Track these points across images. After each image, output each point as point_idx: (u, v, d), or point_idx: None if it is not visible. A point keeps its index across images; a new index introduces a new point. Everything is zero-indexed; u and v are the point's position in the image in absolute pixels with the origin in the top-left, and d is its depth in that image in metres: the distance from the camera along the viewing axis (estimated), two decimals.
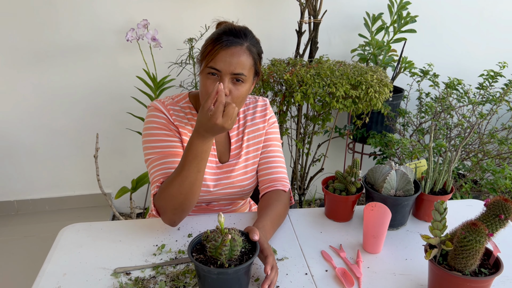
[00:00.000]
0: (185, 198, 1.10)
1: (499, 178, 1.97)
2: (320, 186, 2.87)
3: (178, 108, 1.28)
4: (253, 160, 1.34)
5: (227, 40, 1.13)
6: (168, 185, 1.11)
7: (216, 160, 1.31)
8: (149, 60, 2.31)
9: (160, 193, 1.14)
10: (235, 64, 1.12)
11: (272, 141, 1.37)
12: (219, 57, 1.12)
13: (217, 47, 1.12)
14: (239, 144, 1.34)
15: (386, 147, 2.32)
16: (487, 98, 2.41)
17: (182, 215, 1.15)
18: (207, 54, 1.14)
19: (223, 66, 1.12)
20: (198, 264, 0.89)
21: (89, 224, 1.23)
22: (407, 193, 1.20)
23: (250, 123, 1.35)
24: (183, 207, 1.12)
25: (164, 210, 1.14)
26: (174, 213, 1.13)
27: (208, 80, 1.14)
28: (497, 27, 2.66)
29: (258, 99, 1.39)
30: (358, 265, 1.07)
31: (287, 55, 2.38)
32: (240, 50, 1.14)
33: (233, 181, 1.31)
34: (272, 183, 1.30)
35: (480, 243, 0.85)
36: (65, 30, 2.32)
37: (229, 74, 1.13)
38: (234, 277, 0.91)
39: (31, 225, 2.63)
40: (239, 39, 1.14)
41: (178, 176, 1.09)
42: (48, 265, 1.05)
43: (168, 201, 1.12)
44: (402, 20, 2.32)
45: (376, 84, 1.86)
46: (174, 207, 1.12)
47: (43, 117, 2.51)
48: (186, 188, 1.09)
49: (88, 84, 2.46)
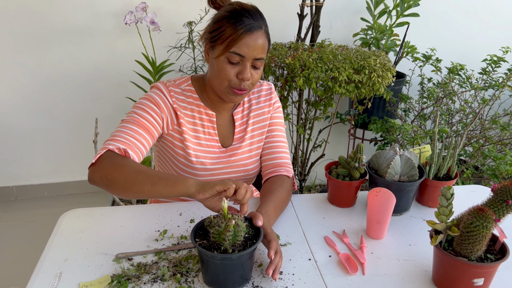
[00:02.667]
0: (122, 188, 1.02)
1: (500, 164, 1.96)
2: (320, 172, 2.86)
3: (179, 91, 1.25)
4: (258, 144, 1.33)
5: (249, 24, 1.09)
6: (121, 169, 1.02)
7: (218, 145, 1.29)
8: (148, 44, 2.27)
9: (108, 165, 1.04)
10: (258, 49, 1.11)
11: (277, 126, 1.35)
12: (243, 43, 1.09)
13: (241, 31, 1.09)
14: (243, 127, 1.32)
15: (388, 132, 2.31)
16: (490, 83, 2.39)
17: (106, 188, 1.05)
18: (228, 38, 1.10)
19: (247, 52, 1.10)
20: (202, 250, 0.88)
21: (89, 209, 1.22)
22: (411, 179, 1.19)
23: (255, 106, 1.33)
24: (112, 188, 1.03)
25: (99, 174, 1.04)
26: (102, 181, 1.04)
27: (228, 65, 1.12)
28: (500, 12, 2.63)
29: (262, 83, 1.37)
30: (362, 251, 1.06)
31: (288, 39, 2.35)
32: (261, 34, 1.12)
33: (237, 165, 1.29)
34: (275, 168, 1.29)
35: (487, 229, 0.84)
36: (62, 14, 2.28)
37: (251, 59, 1.12)
38: (238, 263, 0.90)
39: (30, 211, 2.62)
40: (258, 22, 1.12)
41: (138, 174, 1.01)
42: (49, 251, 1.04)
43: (107, 175, 1.03)
44: (405, 4, 2.28)
45: (379, 69, 1.84)
46: (106, 182, 1.03)
47: (42, 102, 2.48)
48: (131, 186, 1.01)
49: (87, 69, 2.43)
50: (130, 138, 1.12)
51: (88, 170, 1.07)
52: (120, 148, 1.08)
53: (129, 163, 1.05)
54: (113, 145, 1.08)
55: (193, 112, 1.25)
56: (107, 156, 1.06)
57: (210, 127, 1.27)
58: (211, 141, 1.27)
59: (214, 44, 1.13)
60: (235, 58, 1.11)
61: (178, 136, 1.24)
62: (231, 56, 1.11)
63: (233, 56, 1.10)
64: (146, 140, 1.15)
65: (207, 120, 1.27)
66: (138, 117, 1.17)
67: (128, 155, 1.08)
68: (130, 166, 1.04)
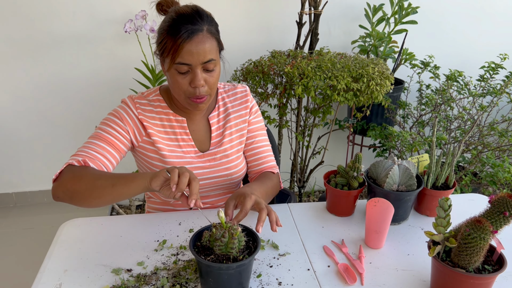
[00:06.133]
0: (84, 197, 1.04)
1: (498, 171, 1.97)
2: (319, 178, 2.87)
3: (145, 102, 1.25)
4: (238, 147, 1.32)
5: (186, 31, 1.07)
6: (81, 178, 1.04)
7: (195, 149, 1.28)
8: (148, 51, 2.28)
9: (68, 178, 1.06)
10: (203, 53, 1.09)
11: (258, 131, 1.36)
12: (184, 51, 1.08)
13: (179, 41, 1.07)
14: (220, 131, 1.31)
15: (386, 139, 2.31)
16: (488, 90, 2.40)
17: (70, 200, 1.06)
18: (171, 50, 1.08)
19: (192, 59, 1.09)
20: (216, 265, 0.88)
21: (89, 219, 1.22)
22: (409, 188, 1.20)
23: (232, 110, 1.32)
24: (75, 199, 1.05)
25: (60, 188, 1.06)
26: (65, 195, 1.06)
27: (179, 76, 1.12)
28: (498, 19, 2.64)
29: (237, 86, 1.36)
30: (361, 261, 1.06)
31: (287, 46, 2.36)
32: (202, 37, 1.09)
33: (218, 170, 1.28)
34: (262, 171, 1.34)
35: (484, 240, 0.85)
36: (62, 21, 2.29)
37: (199, 64, 1.10)
38: (250, 265, 0.93)
39: (29, 217, 2.62)
40: (196, 25, 1.08)
41: (97, 179, 1.03)
42: (49, 262, 1.04)
43: (68, 188, 1.04)
44: (403, 11, 2.30)
45: (378, 77, 1.85)
46: (69, 195, 1.05)
47: (41, 109, 2.49)
48: (92, 192, 1.03)
49: (86, 76, 2.44)
50: (91, 151, 1.14)
51: (52, 187, 1.08)
52: (79, 160, 1.10)
53: (88, 171, 1.06)
54: (73, 159, 1.11)
55: (163, 121, 1.25)
56: (67, 170, 1.08)
57: (183, 133, 1.27)
58: (186, 146, 1.27)
59: (163, 57, 1.13)
60: (183, 68, 1.10)
61: (150, 147, 1.24)
62: (178, 67, 1.10)
63: (180, 66, 1.10)
64: (110, 153, 1.16)
65: (178, 126, 1.26)
66: (102, 132, 1.19)
67: (88, 165, 1.10)
68: (89, 174, 1.05)
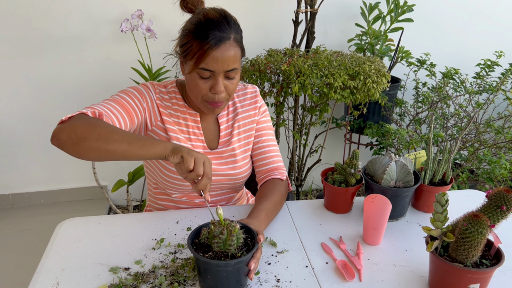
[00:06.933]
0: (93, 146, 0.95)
1: (495, 168, 1.97)
2: (316, 177, 2.87)
3: (164, 91, 1.26)
4: (245, 147, 1.32)
5: (213, 37, 1.06)
6: (96, 127, 0.97)
7: (204, 145, 1.28)
8: (144, 51, 2.28)
9: (80, 123, 0.98)
10: (227, 61, 1.09)
11: (266, 130, 1.36)
12: (210, 58, 1.07)
13: (206, 48, 1.06)
14: (229, 131, 1.31)
15: (383, 137, 2.32)
16: (484, 87, 2.41)
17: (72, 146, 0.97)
18: (196, 54, 1.08)
19: (216, 67, 1.09)
20: (214, 262, 0.88)
21: (86, 218, 1.22)
22: (407, 184, 1.20)
23: (241, 110, 1.32)
24: (80, 146, 0.96)
25: (67, 131, 0.96)
26: (69, 139, 0.96)
27: (200, 81, 1.12)
28: (494, 16, 2.65)
29: (247, 86, 1.36)
30: (359, 257, 1.07)
31: (284, 45, 2.36)
32: (229, 46, 1.09)
33: (223, 168, 1.28)
34: (269, 173, 1.31)
35: (482, 235, 0.85)
36: (58, 21, 2.28)
37: (222, 72, 1.10)
38: (248, 261, 0.93)
39: (26, 218, 2.61)
40: (224, 32, 1.08)
41: (114, 133, 0.97)
42: (46, 261, 1.03)
43: (77, 133, 0.96)
44: (399, 9, 2.30)
45: (374, 75, 1.85)
46: (75, 139, 0.96)
47: (37, 110, 2.48)
48: (105, 144, 0.95)
49: (83, 76, 2.43)
50: (107, 110, 1.07)
51: (55, 128, 0.98)
52: (94, 112, 1.03)
53: (103, 123, 1.00)
54: (87, 109, 1.03)
55: (177, 112, 1.25)
56: (79, 117, 1.00)
57: (194, 127, 1.27)
58: (196, 141, 1.27)
59: (185, 59, 1.12)
60: (206, 73, 1.10)
61: (163, 134, 1.23)
62: (201, 72, 1.10)
63: (203, 72, 1.10)
64: (123, 117, 1.10)
65: (191, 120, 1.26)
66: (119, 98, 1.14)
67: (102, 117, 1.04)
68: (105, 125, 0.99)
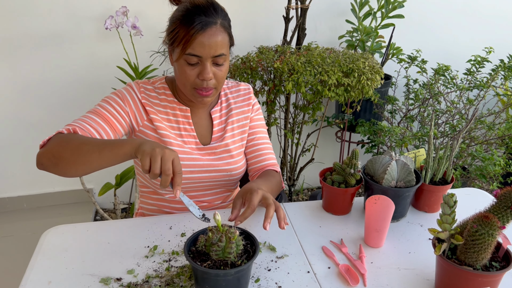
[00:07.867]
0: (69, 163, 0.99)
1: (488, 164, 1.96)
2: (307, 176, 2.83)
3: (151, 88, 1.23)
4: (239, 143, 1.31)
5: (200, 22, 1.06)
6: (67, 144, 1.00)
7: (196, 141, 1.25)
8: (130, 49, 2.20)
9: (54, 144, 1.02)
10: (214, 46, 1.08)
11: (259, 128, 1.35)
12: (196, 43, 1.06)
13: (192, 32, 1.06)
14: (222, 126, 1.29)
15: (375, 135, 2.29)
16: (475, 84, 2.40)
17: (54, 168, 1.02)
18: (182, 40, 1.07)
19: (203, 51, 1.08)
20: (213, 271, 0.83)
21: (73, 225, 1.15)
22: (408, 184, 1.16)
23: (234, 106, 1.31)
24: (60, 166, 1.01)
25: (45, 155, 1.03)
26: (49, 162, 1.02)
27: (188, 67, 1.10)
28: (483, 12, 2.65)
29: (240, 83, 1.35)
30: (362, 261, 1.03)
31: (274, 42, 2.31)
32: (216, 30, 1.08)
33: (217, 164, 1.25)
34: (262, 169, 1.31)
35: (492, 237, 0.82)
36: (39, 18, 2.19)
37: (210, 57, 1.09)
38: (249, 270, 0.89)
39: (8, 224, 2.51)
40: (211, 17, 1.08)
41: (84, 145, 0.99)
42: (31, 273, 0.97)
43: (53, 154, 1.01)
44: (390, 5, 2.28)
45: (368, 72, 1.82)
46: (53, 161, 1.01)
47: (18, 111, 2.38)
48: (78, 158, 0.98)
49: (66, 76, 2.34)
50: (84, 123, 1.09)
51: (37, 154, 1.04)
52: (69, 129, 1.06)
53: (75, 137, 1.02)
54: (63, 128, 1.07)
55: (166, 108, 1.23)
56: (55, 137, 1.04)
57: (185, 123, 1.24)
58: (188, 137, 1.24)
59: (173, 47, 1.12)
60: (193, 59, 1.09)
61: (151, 133, 1.21)
62: (188, 57, 1.09)
63: (190, 57, 1.09)
64: (103, 129, 1.11)
65: (181, 115, 1.24)
66: (99, 108, 1.15)
67: (76, 132, 1.06)
68: (76, 139, 1.01)
